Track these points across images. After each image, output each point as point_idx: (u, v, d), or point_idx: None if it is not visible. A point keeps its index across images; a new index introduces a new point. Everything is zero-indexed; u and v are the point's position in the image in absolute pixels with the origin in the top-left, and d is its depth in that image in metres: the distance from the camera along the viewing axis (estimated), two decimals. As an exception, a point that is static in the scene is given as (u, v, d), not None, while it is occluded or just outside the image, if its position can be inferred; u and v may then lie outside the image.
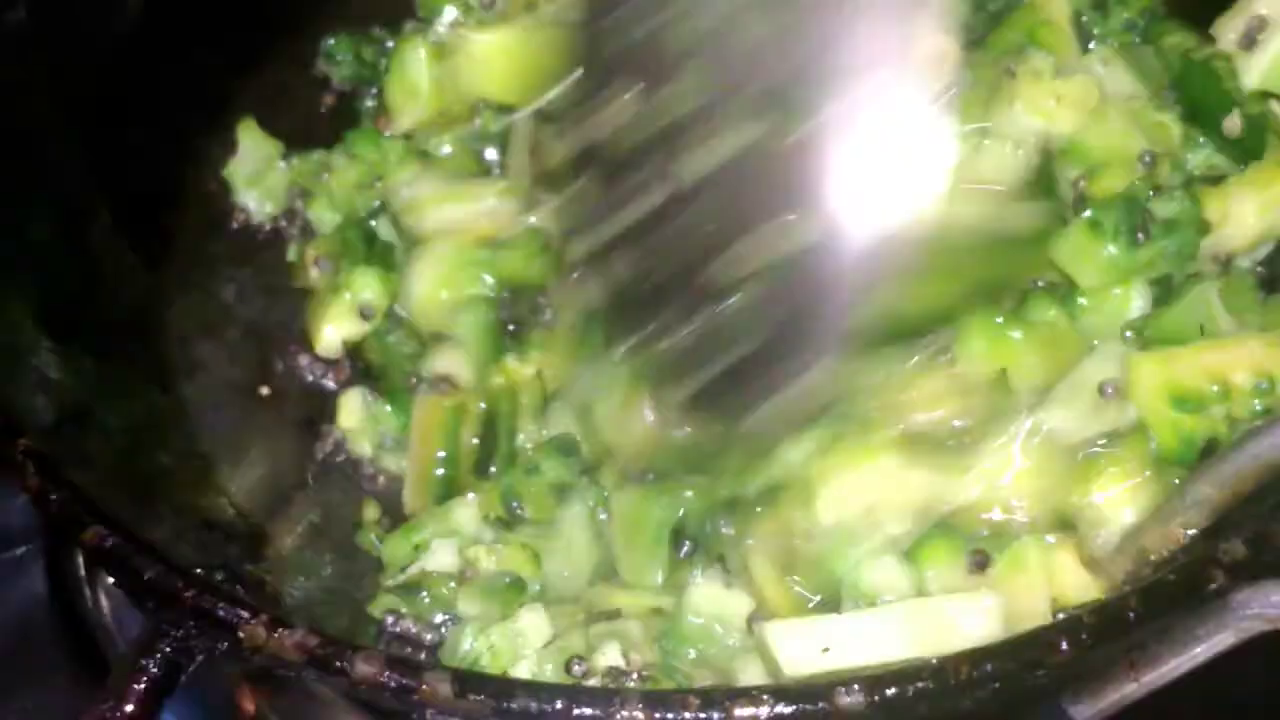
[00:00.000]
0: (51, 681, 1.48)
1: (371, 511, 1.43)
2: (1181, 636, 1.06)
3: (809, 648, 1.07)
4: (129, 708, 1.00)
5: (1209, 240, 1.34)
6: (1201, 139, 1.40)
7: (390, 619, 1.30)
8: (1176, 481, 1.20)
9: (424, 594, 1.30)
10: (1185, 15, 1.48)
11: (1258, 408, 1.21)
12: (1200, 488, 1.05)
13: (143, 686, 1.00)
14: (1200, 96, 1.41)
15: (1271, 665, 1.09)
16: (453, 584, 1.30)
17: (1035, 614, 1.16)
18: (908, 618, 1.10)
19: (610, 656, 1.19)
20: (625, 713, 0.90)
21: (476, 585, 1.29)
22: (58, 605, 1.54)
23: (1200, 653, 1.06)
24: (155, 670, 1.01)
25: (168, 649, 1.01)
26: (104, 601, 1.49)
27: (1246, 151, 1.37)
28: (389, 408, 1.47)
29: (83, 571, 1.51)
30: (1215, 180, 1.38)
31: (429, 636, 1.30)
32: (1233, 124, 1.38)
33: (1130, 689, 1.13)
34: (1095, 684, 1.15)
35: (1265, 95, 1.39)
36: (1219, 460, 1.06)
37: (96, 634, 1.49)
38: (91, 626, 1.49)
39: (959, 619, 1.11)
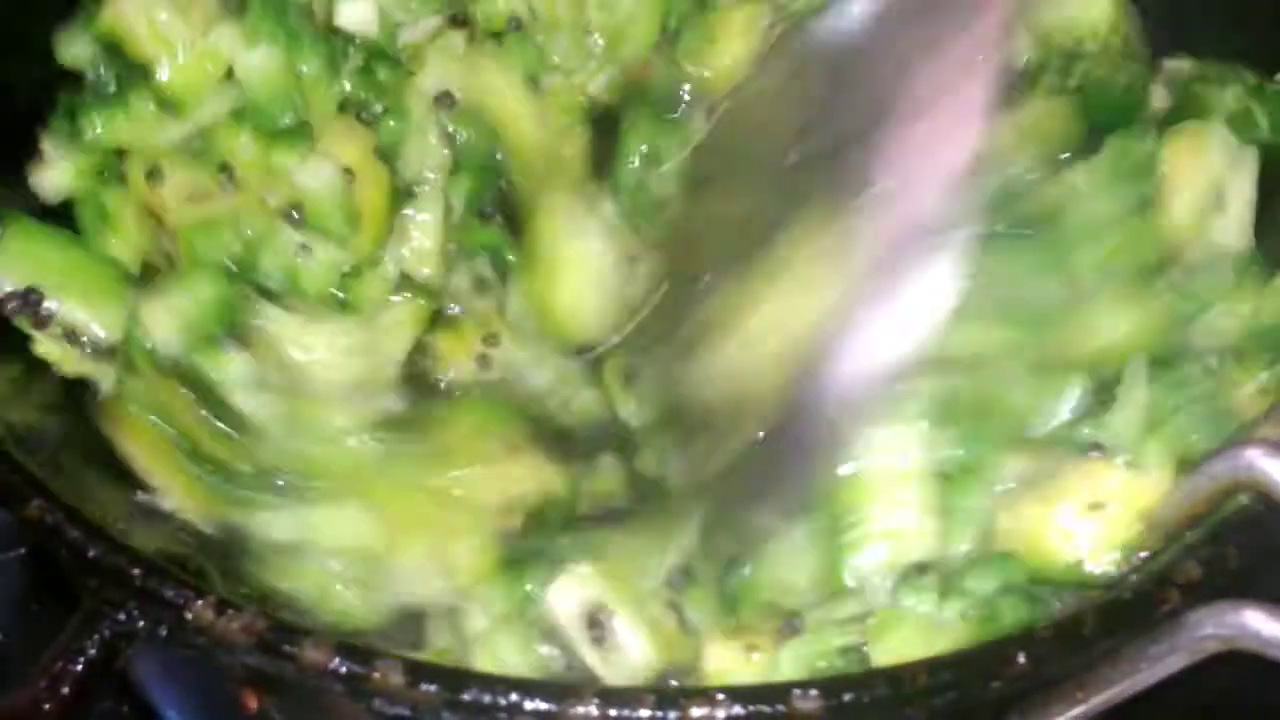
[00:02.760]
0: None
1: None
2: (1131, 657, 1.05)
3: None
4: (65, 690, 0.97)
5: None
6: None
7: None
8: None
9: None
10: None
11: None
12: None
13: (80, 669, 0.97)
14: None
15: (1236, 681, 1.10)
16: None
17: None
18: None
19: None
20: (580, 709, 0.89)
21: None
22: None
23: (1149, 675, 1.06)
24: (93, 652, 0.98)
25: (106, 631, 0.98)
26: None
27: None
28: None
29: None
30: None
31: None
32: None
33: (1076, 711, 1.13)
34: (1041, 705, 1.15)
35: None
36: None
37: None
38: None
39: None
